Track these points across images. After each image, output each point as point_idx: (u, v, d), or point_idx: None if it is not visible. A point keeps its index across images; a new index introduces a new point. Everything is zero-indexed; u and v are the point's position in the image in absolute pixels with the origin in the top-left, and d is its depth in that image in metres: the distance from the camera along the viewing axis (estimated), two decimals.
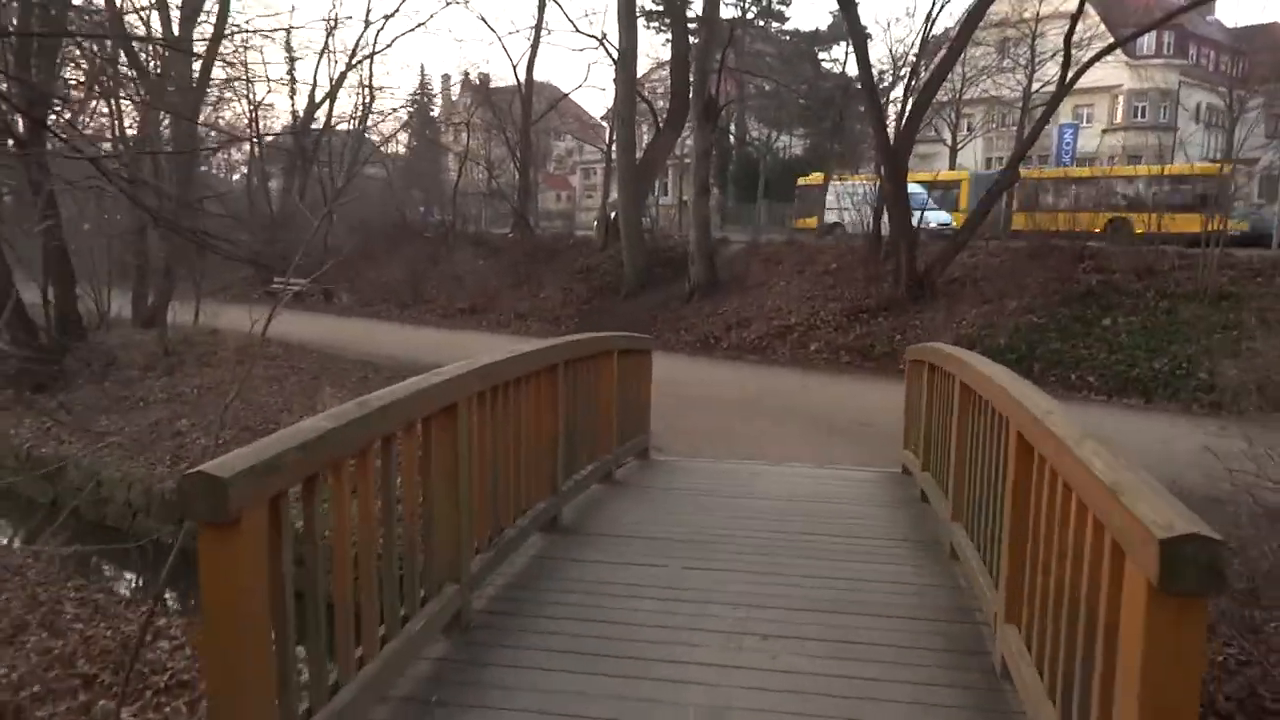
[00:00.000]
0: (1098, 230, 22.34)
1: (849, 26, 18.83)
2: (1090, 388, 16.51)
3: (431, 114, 74.76)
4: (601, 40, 27.48)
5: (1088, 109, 53.03)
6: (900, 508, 6.99)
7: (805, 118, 52.10)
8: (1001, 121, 52.74)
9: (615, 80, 25.65)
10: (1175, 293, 18.00)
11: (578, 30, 30.29)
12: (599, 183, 49.60)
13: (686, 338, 22.61)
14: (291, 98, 38.18)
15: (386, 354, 20.73)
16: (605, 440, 7.41)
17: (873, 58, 50.34)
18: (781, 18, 55.40)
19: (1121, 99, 52.60)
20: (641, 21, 49.27)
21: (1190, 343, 16.53)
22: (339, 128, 42.71)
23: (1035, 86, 42.69)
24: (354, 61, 39.03)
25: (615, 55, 25.95)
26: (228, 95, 27.94)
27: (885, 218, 21.73)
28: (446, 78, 74.31)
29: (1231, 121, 45.77)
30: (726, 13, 54.12)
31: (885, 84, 48.90)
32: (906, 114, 19.85)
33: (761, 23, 55.55)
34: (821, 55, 56.20)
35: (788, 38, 56.28)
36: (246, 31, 32.58)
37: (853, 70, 51.54)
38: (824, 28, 54.42)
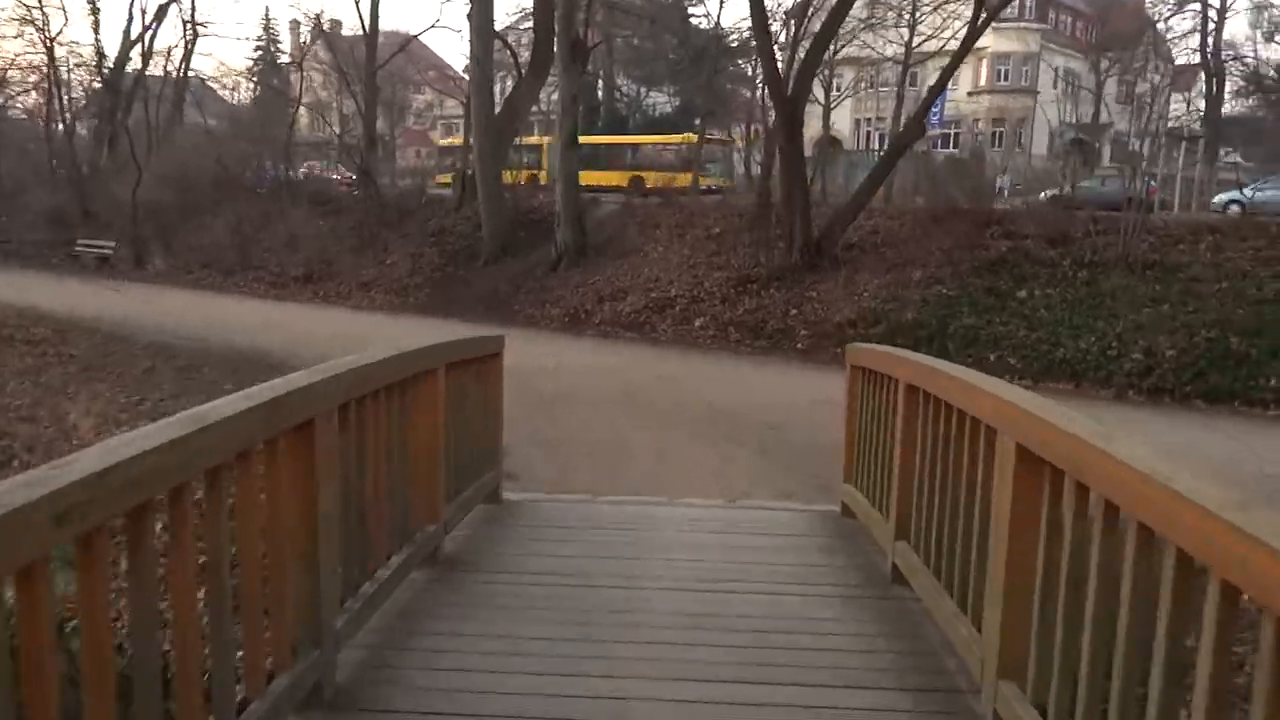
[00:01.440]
0: (625, 186, 27.53)
1: None
2: (1011, 370, 14.19)
3: (279, 62, 68.47)
4: None
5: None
6: (864, 589, 4.34)
7: (675, 73, 49.24)
8: (870, 82, 51.26)
9: (469, 16, 21.98)
10: (1094, 261, 15.92)
11: None
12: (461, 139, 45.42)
13: (553, 312, 19.41)
14: (95, 31, 32.51)
15: (190, 334, 16.77)
16: (424, 506, 4.37)
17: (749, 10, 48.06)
18: None
19: (985, 62, 51.65)
20: None
21: (1117, 318, 14.43)
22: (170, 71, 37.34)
23: (896, 47, 41.17)
24: None
25: None
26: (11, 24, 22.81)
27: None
28: (296, 24, 67.14)
29: (1099, 85, 45.35)
30: None
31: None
32: (799, 61, 17.08)
33: None
34: (691, 9, 53.14)
35: None
36: None
37: (727, 20, 49.21)
38: None
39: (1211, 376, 13.04)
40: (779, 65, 17.56)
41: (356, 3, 28.21)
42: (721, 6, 44.79)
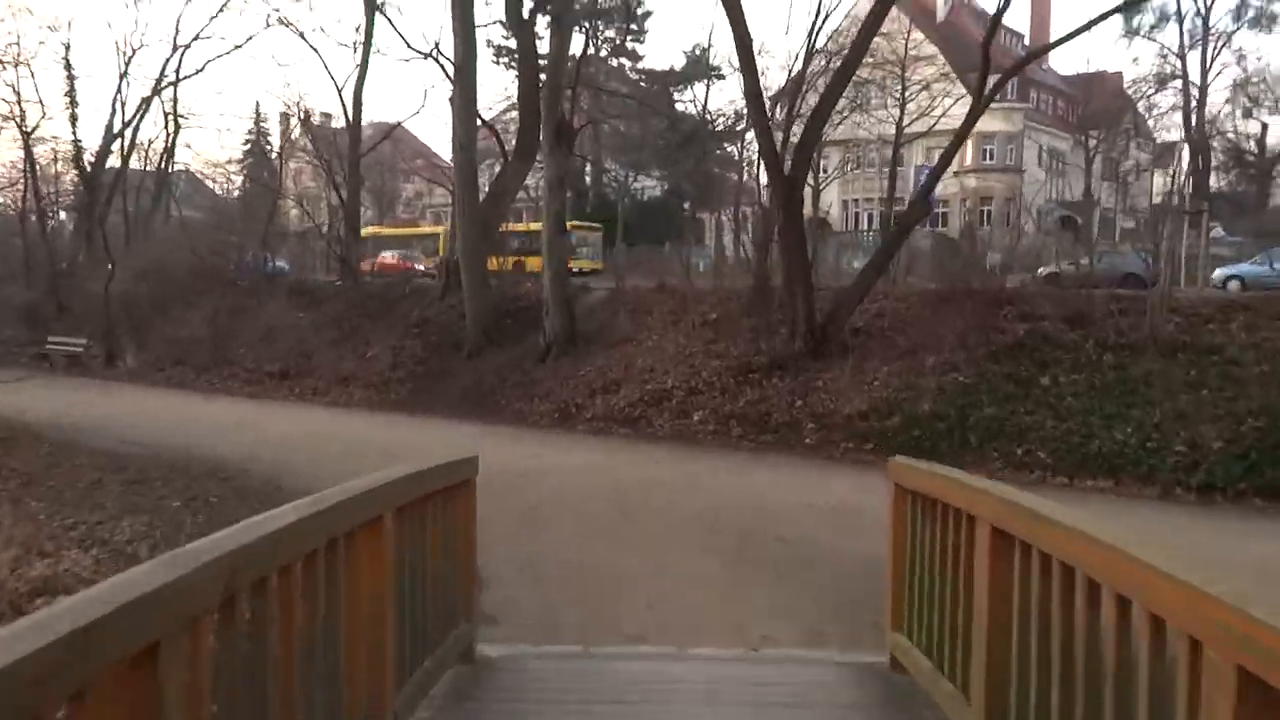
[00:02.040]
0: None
1: (734, 31, 15.06)
2: (1043, 466, 12.89)
3: (269, 154, 68.35)
4: (434, 52, 22.80)
5: (938, 150, 51.69)
6: None
7: (662, 158, 48.96)
8: (857, 163, 51.09)
9: (452, 100, 21.17)
10: (1119, 344, 14.73)
11: (410, 47, 25.33)
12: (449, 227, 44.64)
13: (542, 406, 18.07)
14: (73, 126, 31.71)
15: (148, 440, 15.34)
16: (365, 699, 3.04)
17: (736, 95, 47.86)
18: (635, 56, 52.20)
19: (971, 141, 51.56)
20: (490, 55, 45.02)
21: (1153, 406, 13.16)
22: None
23: (883, 127, 40.97)
24: (159, 87, 33.19)
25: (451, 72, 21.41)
26: None
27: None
28: (285, 116, 67.20)
29: (1088, 160, 45.11)
30: (577, 45, 50.89)
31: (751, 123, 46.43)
32: (795, 139, 16.16)
33: (615, 61, 52.21)
34: (677, 95, 53.18)
35: (641, 78, 53.09)
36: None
37: (715, 103, 49.14)
38: (678, 67, 51.46)
39: (1265, 470, 11.71)
40: (774, 143, 16.61)
41: (339, 92, 27.55)
42: (708, 91, 44.45)
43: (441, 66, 22.81)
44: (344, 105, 26.89)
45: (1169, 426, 12.62)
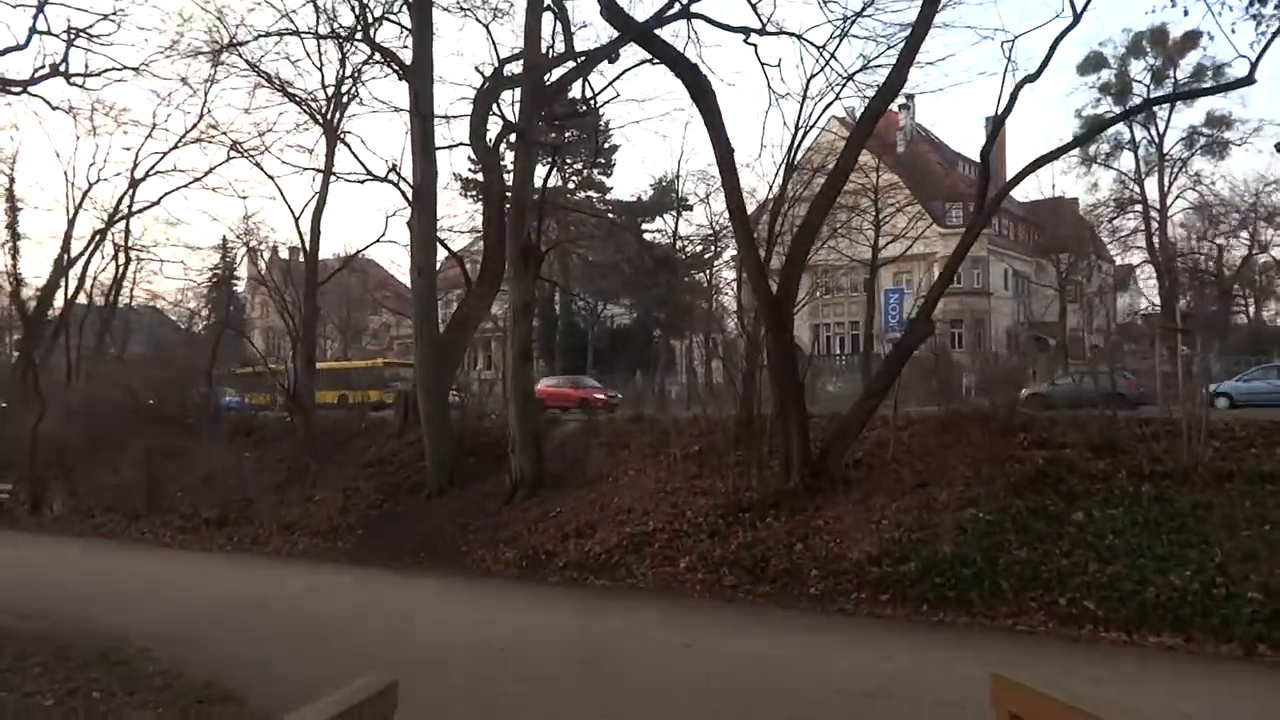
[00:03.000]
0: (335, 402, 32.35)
1: (713, 137, 13.73)
2: (1093, 618, 10.84)
3: (234, 288, 66.88)
4: (392, 174, 21.41)
5: (906, 276, 51.58)
6: None
7: (632, 286, 48.04)
8: (827, 288, 50.51)
9: (410, 223, 19.70)
10: (1154, 472, 12.97)
11: (368, 172, 23.89)
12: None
13: (508, 554, 15.82)
14: (13, 261, 29.81)
15: (44, 608, 12.89)
16: None
17: (704, 222, 47.33)
18: (603, 188, 51.96)
19: (936, 267, 51.37)
20: (457, 189, 44.34)
21: (1211, 545, 11.27)
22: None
23: (853, 250, 40.42)
24: (113, 220, 31.63)
25: (409, 194, 19.98)
26: None
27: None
28: (251, 249, 65.89)
29: (1061, 283, 44.64)
30: (543, 174, 50.44)
31: (720, 250, 45.75)
32: (786, 256, 14.71)
33: (583, 194, 51.92)
34: (645, 225, 52.74)
35: (609, 209, 52.73)
36: None
37: (691, 229, 48.58)
38: (645, 198, 51.15)
39: None
40: (760, 261, 15.09)
41: (296, 221, 26.13)
42: (677, 219, 43.81)
43: (401, 191, 21.39)
44: (300, 234, 25.37)
45: (1236, 569, 10.71)
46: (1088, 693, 3.58)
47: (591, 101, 22.49)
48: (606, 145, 51.19)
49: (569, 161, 51.13)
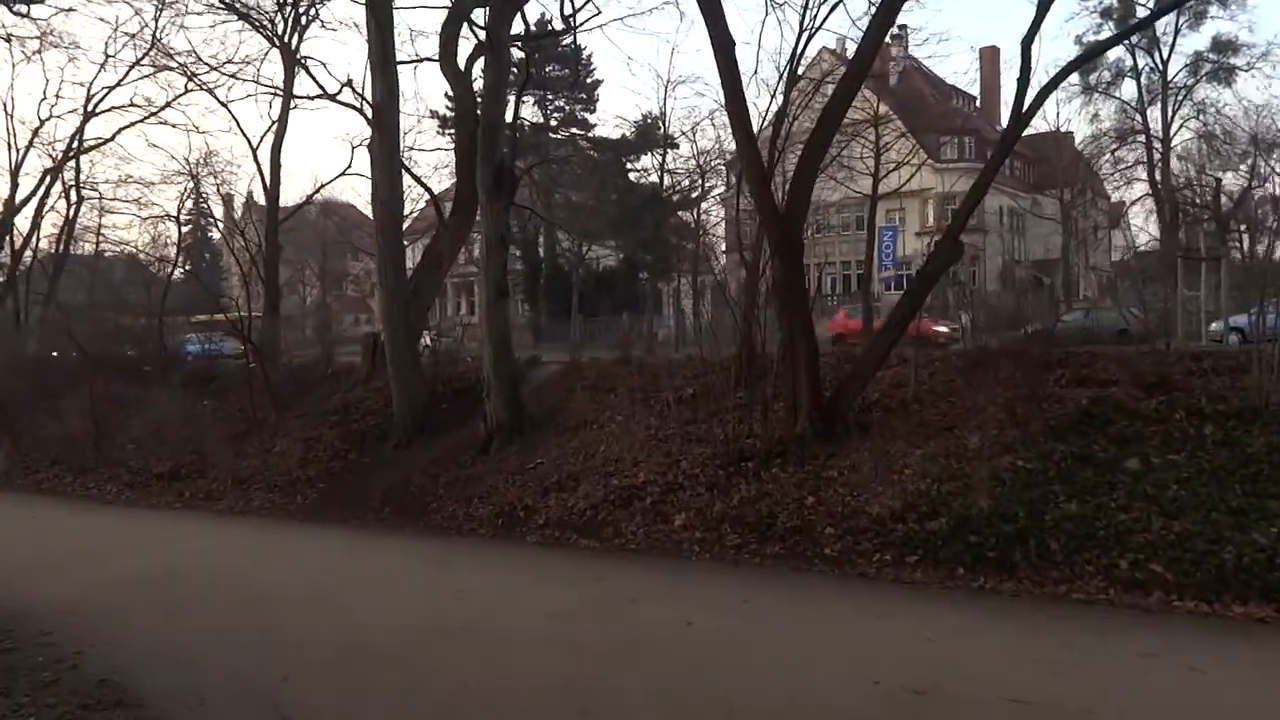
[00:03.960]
0: None
1: (711, 29, 11.57)
2: (1162, 584, 9.06)
3: (210, 235, 64.21)
4: (344, 91, 19.10)
5: (899, 213, 49.48)
6: None
7: (617, 227, 45.76)
8: (818, 227, 48.36)
9: (370, 147, 17.41)
10: (1217, 411, 11.16)
11: (324, 93, 21.11)
12: None
13: (482, 510, 13.96)
14: None
15: None
16: None
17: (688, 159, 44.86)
18: (586, 125, 49.26)
19: (931, 203, 49.34)
20: (435, 126, 41.65)
21: None
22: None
23: (844, 189, 38.26)
24: (67, 156, 29.07)
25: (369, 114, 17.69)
26: None
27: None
28: (228, 197, 63.00)
29: (1066, 218, 42.68)
30: (527, 112, 47.72)
31: (707, 189, 43.50)
32: (795, 167, 12.63)
33: (565, 131, 49.29)
34: (630, 165, 50.21)
35: (590, 147, 50.13)
36: None
37: (677, 166, 46.22)
38: (629, 135, 48.52)
39: None
40: (765, 172, 12.94)
41: (254, 152, 23.73)
42: (664, 157, 41.37)
43: (361, 112, 19.07)
44: (259, 167, 23.03)
45: None
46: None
47: (571, 18, 20.18)
48: (589, 80, 48.58)
49: (550, 98, 48.55)
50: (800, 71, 19.40)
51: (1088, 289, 48.08)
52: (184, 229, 49.92)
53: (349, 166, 57.25)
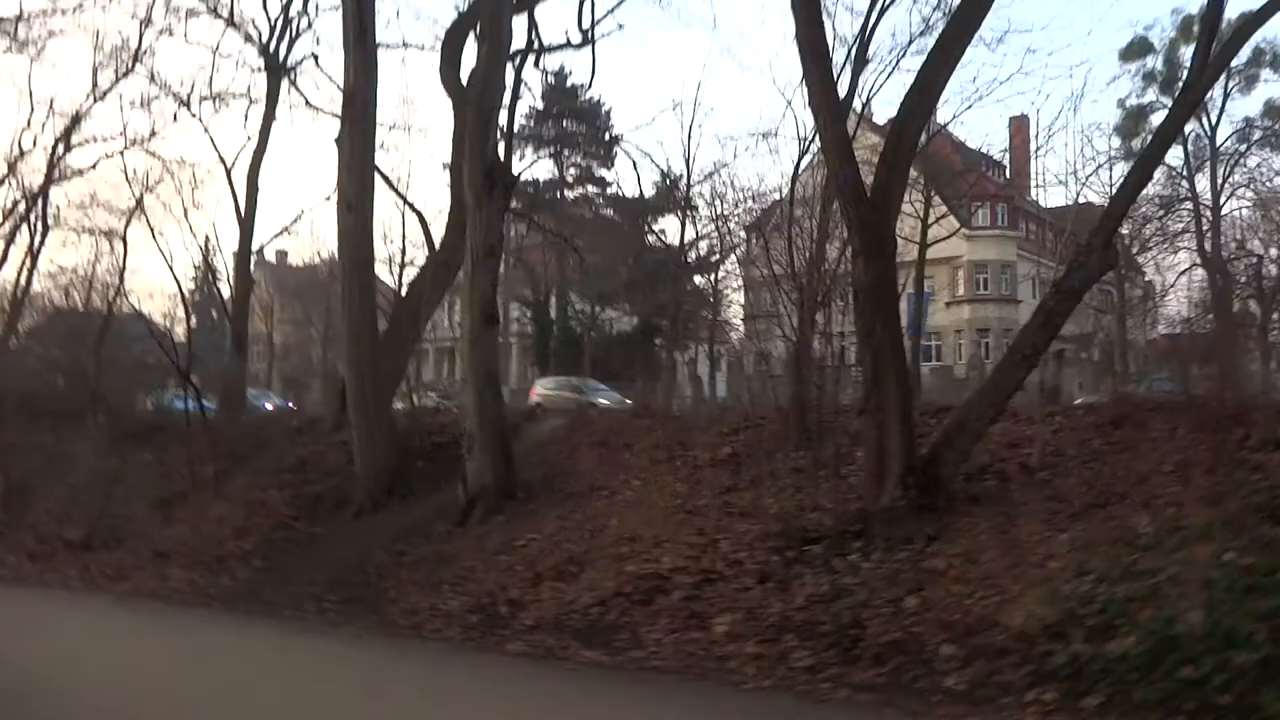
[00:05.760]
0: None
1: None
2: None
3: (215, 287, 61.35)
4: (311, 59, 16.00)
5: (928, 279, 46.30)
6: None
7: (632, 290, 42.71)
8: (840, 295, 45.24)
9: (339, 140, 14.14)
10: None
11: (311, 105, 18.79)
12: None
13: (453, 602, 10.18)
14: None
15: None
16: None
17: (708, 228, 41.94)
18: (603, 183, 46.56)
19: (962, 271, 46.18)
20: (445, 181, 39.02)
21: None
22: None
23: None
24: (48, 182, 26.05)
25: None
26: None
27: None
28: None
29: (1120, 289, 39.46)
30: (541, 172, 45.12)
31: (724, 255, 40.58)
32: (886, 146, 9.22)
33: (581, 189, 46.72)
34: (647, 227, 47.35)
35: (608, 208, 47.46)
36: None
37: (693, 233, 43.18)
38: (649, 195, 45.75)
39: None
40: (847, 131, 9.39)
41: (229, 173, 20.67)
42: (684, 221, 38.25)
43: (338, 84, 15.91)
44: (233, 189, 19.93)
45: None
46: None
47: (590, 32, 17.27)
48: (607, 137, 46.14)
49: (567, 154, 46.14)
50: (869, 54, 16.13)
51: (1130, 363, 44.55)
52: (190, 283, 47.03)
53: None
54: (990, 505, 9.01)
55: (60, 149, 25.74)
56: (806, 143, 14.24)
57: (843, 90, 11.57)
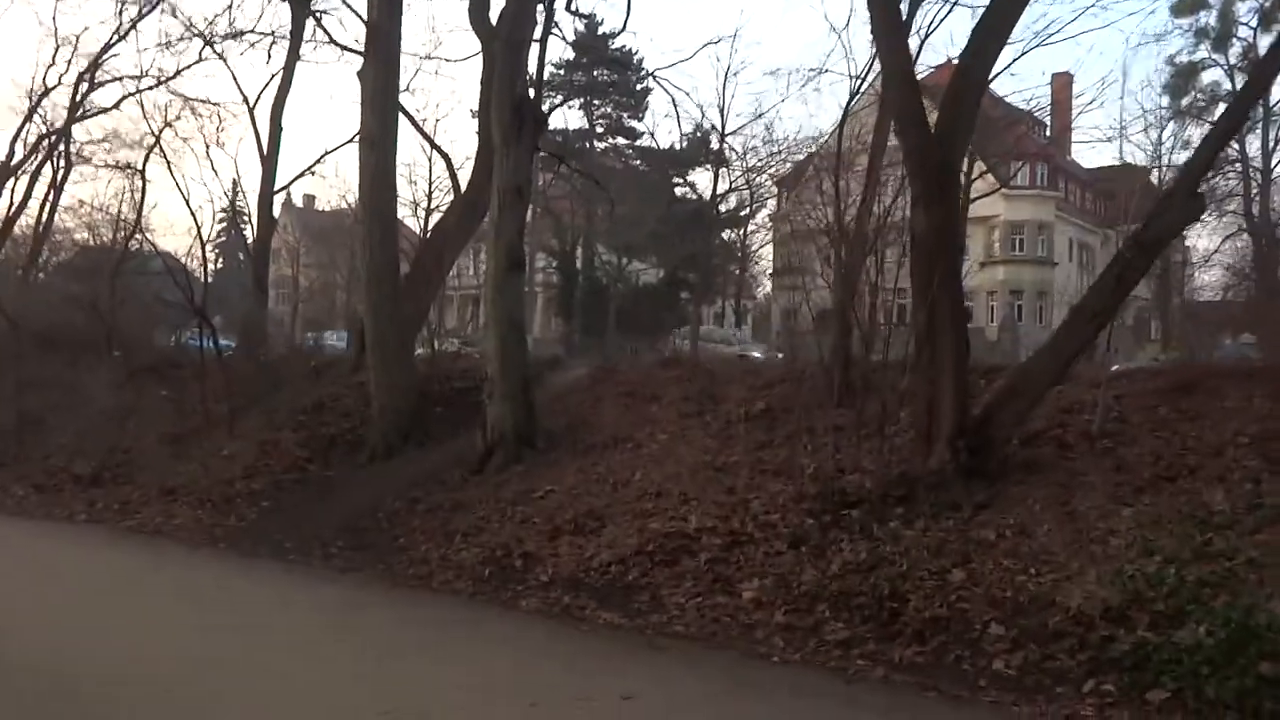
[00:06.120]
0: None
1: None
2: None
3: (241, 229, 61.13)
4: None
5: (966, 238, 44.90)
6: None
7: (660, 243, 41.73)
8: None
9: (361, 74, 13.40)
10: None
11: (332, 41, 17.88)
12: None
13: (465, 555, 9.64)
14: None
15: None
16: None
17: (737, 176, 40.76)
18: (633, 134, 45.32)
19: (998, 230, 44.69)
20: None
21: None
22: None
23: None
24: (71, 119, 25.47)
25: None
26: None
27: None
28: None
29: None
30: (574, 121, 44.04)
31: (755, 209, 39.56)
32: (950, 85, 8.34)
33: (610, 140, 45.51)
34: (676, 180, 46.19)
35: (637, 159, 46.26)
36: None
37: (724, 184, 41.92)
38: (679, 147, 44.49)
39: None
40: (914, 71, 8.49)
41: (251, 111, 19.99)
42: (716, 175, 37.01)
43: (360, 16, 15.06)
44: (256, 132, 19.22)
45: None
46: None
47: None
48: (638, 86, 44.77)
49: (597, 104, 44.88)
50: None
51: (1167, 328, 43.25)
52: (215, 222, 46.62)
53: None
54: (1046, 473, 8.29)
55: (84, 86, 25.16)
56: (859, 79, 13.26)
57: None
